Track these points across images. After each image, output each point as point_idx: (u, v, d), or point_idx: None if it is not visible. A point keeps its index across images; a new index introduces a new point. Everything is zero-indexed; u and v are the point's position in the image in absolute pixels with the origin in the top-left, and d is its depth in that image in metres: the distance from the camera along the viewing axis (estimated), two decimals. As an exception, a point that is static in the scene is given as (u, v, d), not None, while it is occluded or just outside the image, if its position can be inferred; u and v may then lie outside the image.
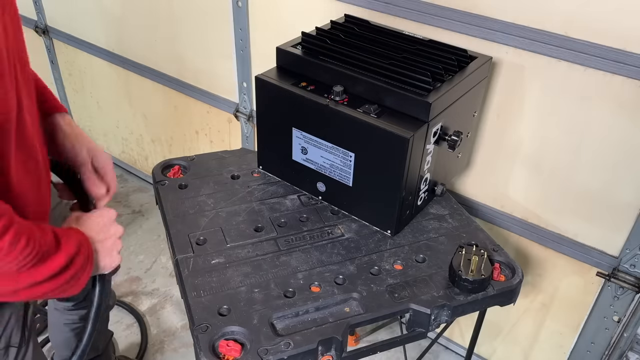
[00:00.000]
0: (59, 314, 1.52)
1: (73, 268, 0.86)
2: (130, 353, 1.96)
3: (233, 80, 1.99)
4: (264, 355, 0.98)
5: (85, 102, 2.76)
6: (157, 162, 1.50)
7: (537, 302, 1.68)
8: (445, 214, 1.38)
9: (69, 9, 2.41)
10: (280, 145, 1.37)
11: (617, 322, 1.49)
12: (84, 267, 0.89)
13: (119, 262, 1.00)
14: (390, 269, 1.20)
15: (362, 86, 1.24)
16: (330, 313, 1.09)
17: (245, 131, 2.07)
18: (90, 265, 0.91)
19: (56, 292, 0.87)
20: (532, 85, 1.37)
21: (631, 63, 1.20)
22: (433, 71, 1.21)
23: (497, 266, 1.19)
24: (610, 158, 1.34)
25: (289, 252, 1.22)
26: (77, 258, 0.87)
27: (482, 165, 1.57)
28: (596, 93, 1.29)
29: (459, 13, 1.37)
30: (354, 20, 1.45)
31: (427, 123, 1.17)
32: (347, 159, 1.26)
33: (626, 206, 1.36)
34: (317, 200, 1.38)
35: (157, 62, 2.22)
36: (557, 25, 1.26)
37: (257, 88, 1.32)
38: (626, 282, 1.41)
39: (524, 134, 1.45)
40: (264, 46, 1.82)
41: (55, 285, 0.85)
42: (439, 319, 1.13)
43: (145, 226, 2.49)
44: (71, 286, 0.88)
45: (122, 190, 2.66)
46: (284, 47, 1.35)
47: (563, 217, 1.50)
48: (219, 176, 1.45)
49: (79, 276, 0.88)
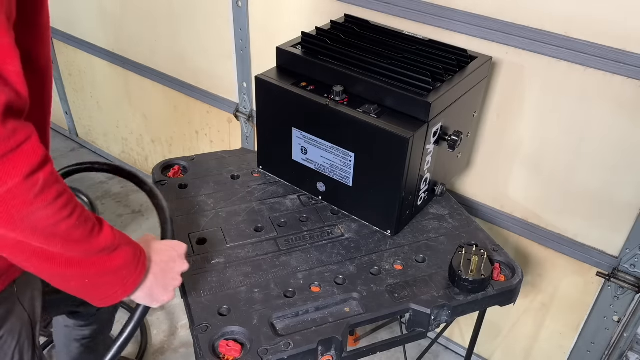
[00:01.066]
0: (68, 330, 1.49)
1: (120, 257, 0.82)
2: (130, 353, 1.96)
3: (233, 80, 1.99)
4: (264, 355, 0.98)
5: (85, 102, 2.76)
6: (157, 162, 1.50)
7: (537, 302, 1.68)
8: (445, 214, 1.38)
9: (69, 9, 2.41)
10: (280, 145, 1.37)
11: (617, 322, 1.49)
12: (133, 268, 0.85)
13: (171, 299, 0.96)
14: (390, 269, 1.19)
15: (362, 86, 1.24)
16: (330, 313, 1.09)
17: (245, 131, 2.07)
18: (140, 274, 0.87)
19: (94, 282, 0.82)
20: (532, 85, 1.37)
21: (631, 63, 1.20)
22: (433, 71, 1.21)
23: (497, 266, 1.19)
24: (610, 158, 1.34)
25: (289, 252, 1.22)
26: (126, 249, 0.83)
27: (482, 165, 1.57)
28: (596, 93, 1.29)
29: (459, 13, 1.37)
30: (354, 20, 1.45)
31: (427, 123, 1.17)
32: (347, 159, 1.26)
33: (626, 206, 1.36)
34: (317, 200, 1.38)
35: (157, 62, 2.22)
36: (557, 25, 1.26)
37: (257, 88, 1.32)
38: (626, 282, 1.41)
39: (524, 134, 1.45)
40: (264, 46, 1.82)
41: (95, 269, 0.80)
42: (439, 319, 1.13)
43: (145, 226, 2.49)
44: (112, 284, 0.84)
45: (122, 190, 2.66)
46: (284, 47, 1.35)
47: (563, 217, 1.50)
48: (219, 176, 1.45)
49: (123, 274, 0.84)
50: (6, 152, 0.66)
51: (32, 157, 0.68)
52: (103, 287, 0.84)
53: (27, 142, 0.68)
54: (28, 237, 0.72)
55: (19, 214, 0.69)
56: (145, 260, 0.89)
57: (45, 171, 0.70)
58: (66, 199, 0.73)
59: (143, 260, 0.88)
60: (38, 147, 0.69)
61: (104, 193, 2.66)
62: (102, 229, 0.80)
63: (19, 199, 0.68)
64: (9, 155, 0.66)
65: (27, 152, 0.68)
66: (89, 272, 0.81)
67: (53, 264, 0.77)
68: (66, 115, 2.92)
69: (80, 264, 0.79)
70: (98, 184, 2.70)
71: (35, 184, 0.68)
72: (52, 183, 0.71)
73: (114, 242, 0.81)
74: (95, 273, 0.81)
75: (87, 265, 0.80)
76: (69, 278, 0.81)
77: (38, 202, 0.69)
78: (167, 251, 0.96)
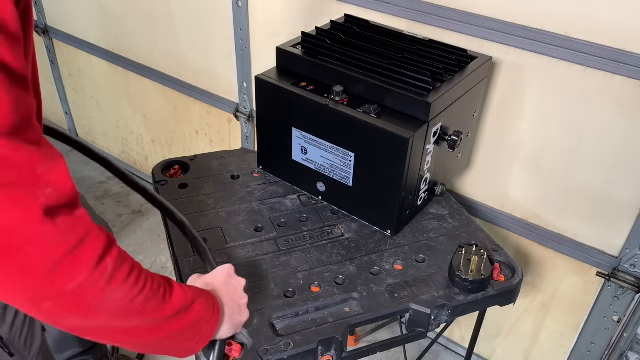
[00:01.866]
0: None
1: (195, 312, 0.82)
2: (130, 353, 1.96)
3: (233, 80, 1.99)
4: (264, 355, 0.98)
5: (85, 102, 2.76)
6: (157, 162, 1.50)
7: (537, 302, 1.68)
8: (445, 214, 1.38)
9: (69, 9, 2.41)
10: (280, 145, 1.37)
11: (617, 322, 1.49)
12: (209, 316, 0.85)
13: (248, 316, 0.98)
14: (390, 269, 1.20)
15: (362, 86, 1.24)
16: (330, 313, 1.09)
17: (245, 131, 2.07)
18: (217, 319, 0.87)
19: (176, 340, 0.82)
20: (532, 85, 1.37)
21: (631, 63, 1.20)
22: (433, 71, 1.21)
23: (497, 266, 1.19)
24: (610, 158, 1.34)
25: (289, 252, 1.22)
26: (199, 301, 0.83)
27: (482, 165, 1.57)
28: (596, 93, 1.29)
29: (459, 13, 1.37)
30: (354, 20, 1.45)
31: (427, 123, 1.17)
32: (347, 159, 1.26)
33: (626, 206, 1.36)
34: (317, 200, 1.38)
35: (157, 62, 2.22)
36: (557, 25, 1.26)
37: (257, 88, 1.32)
38: (626, 282, 1.41)
39: (524, 134, 1.45)
40: (264, 46, 1.82)
41: (174, 330, 0.80)
42: (439, 319, 1.13)
43: (145, 226, 2.49)
44: (192, 337, 0.84)
45: (122, 190, 2.67)
46: (284, 47, 1.35)
47: (563, 217, 1.50)
48: (219, 176, 1.45)
49: (202, 325, 0.84)
50: (66, 251, 0.65)
51: (96, 246, 0.68)
52: (185, 343, 0.85)
53: (89, 234, 0.67)
54: (107, 320, 0.72)
55: (94, 302, 0.69)
56: (218, 303, 0.89)
57: (113, 255, 0.70)
58: (136, 275, 0.73)
59: (217, 305, 0.89)
60: (98, 234, 0.68)
61: (104, 193, 2.66)
62: (173, 292, 0.79)
63: (91, 290, 0.68)
64: (74, 252, 0.65)
65: (90, 244, 0.67)
66: (170, 334, 0.81)
67: (134, 336, 0.77)
68: (66, 116, 2.92)
69: (161, 329, 0.79)
70: (98, 184, 2.70)
71: (105, 271, 0.68)
72: (121, 263, 0.71)
73: (187, 300, 0.81)
74: (176, 334, 0.81)
75: (167, 328, 0.80)
76: (152, 344, 0.81)
77: (111, 286, 0.70)
78: (223, 279, 0.97)
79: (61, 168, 0.66)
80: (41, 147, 0.65)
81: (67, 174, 0.67)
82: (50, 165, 0.65)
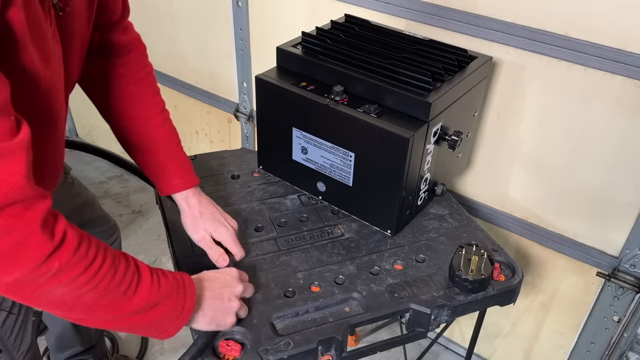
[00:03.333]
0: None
1: (157, 312, 0.82)
2: (130, 353, 1.96)
3: (233, 80, 1.99)
4: (264, 355, 0.98)
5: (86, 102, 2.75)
6: (157, 162, 1.50)
7: (537, 302, 1.69)
8: (445, 214, 1.38)
9: (69, 9, 2.41)
10: (280, 145, 1.37)
11: (617, 322, 1.49)
12: (174, 317, 0.85)
13: (233, 324, 0.98)
14: (390, 269, 1.20)
15: (362, 86, 1.24)
16: (330, 313, 1.09)
17: (245, 131, 2.07)
18: (182, 320, 0.87)
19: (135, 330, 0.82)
20: (532, 85, 1.37)
21: (631, 63, 1.20)
22: (433, 71, 1.21)
23: (497, 266, 1.19)
24: (610, 158, 1.34)
25: (289, 252, 1.22)
26: (166, 303, 0.83)
27: (482, 165, 1.57)
28: (596, 93, 1.29)
29: (459, 13, 1.37)
30: (354, 20, 1.45)
31: (427, 123, 1.18)
32: (347, 158, 1.26)
33: (626, 206, 1.37)
34: (317, 200, 1.38)
35: (157, 62, 2.21)
36: (557, 25, 1.26)
37: (257, 88, 1.32)
38: (626, 282, 1.41)
39: (524, 134, 1.45)
40: (264, 46, 1.82)
41: (130, 325, 0.80)
42: (439, 319, 1.13)
43: (145, 226, 2.49)
44: (154, 331, 0.84)
45: (122, 190, 2.66)
46: (284, 47, 1.35)
47: (563, 217, 1.50)
48: (219, 176, 1.45)
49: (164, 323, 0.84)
50: (3, 249, 0.64)
51: (37, 251, 0.67)
52: (146, 333, 0.86)
53: (29, 239, 0.66)
54: (49, 310, 0.73)
55: (33, 295, 0.69)
56: (190, 305, 0.88)
57: (61, 259, 0.68)
58: (90, 275, 0.72)
59: (189, 306, 0.88)
60: (43, 240, 0.67)
61: (104, 193, 2.66)
62: (138, 290, 0.78)
63: (28, 285, 0.68)
64: (11, 252, 0.65)
65: (30, 248, 0.66)
66: (127, 326, 0.81)
67: (89, 323, 0.79)
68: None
69: (115, 322, 0.80)
70: (98, 184, 2.70)
71: (48, 271, 0.68)
72: (73, 265, 0.70)
73: (149, 301, 0.80)
74: (132, 327, 0.82)
75: (122, 322, 0.80)
76: (111, 327, 0.82)
77: (51, 284, 0.69)
78: (219, 278, 0.98)
79: (12, 167, 0.63)
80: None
81: (18, 174, 0.64)
82: (0, 162, 0.63)
